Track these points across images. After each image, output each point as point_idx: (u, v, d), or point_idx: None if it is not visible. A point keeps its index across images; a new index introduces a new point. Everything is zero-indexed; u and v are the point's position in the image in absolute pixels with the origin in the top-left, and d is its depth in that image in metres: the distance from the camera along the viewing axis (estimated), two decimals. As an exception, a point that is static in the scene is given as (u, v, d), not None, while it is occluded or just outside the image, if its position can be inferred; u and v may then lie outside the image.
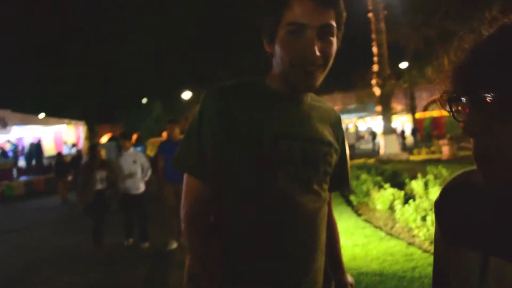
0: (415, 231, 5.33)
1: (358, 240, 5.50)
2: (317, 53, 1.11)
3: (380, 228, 6.01)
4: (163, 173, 6.08)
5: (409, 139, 30.85)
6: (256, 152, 1.17)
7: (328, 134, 1.31)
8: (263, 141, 1.17)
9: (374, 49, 16.63)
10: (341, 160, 1.39)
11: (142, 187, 6.51)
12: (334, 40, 1.16)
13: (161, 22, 36.75)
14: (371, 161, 15.70)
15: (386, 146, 16.80)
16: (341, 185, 1.44)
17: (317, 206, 1.26)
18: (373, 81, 16.92)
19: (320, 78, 1.18)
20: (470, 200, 0.77)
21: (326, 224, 1.34)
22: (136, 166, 6.39)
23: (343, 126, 1.44)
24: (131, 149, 6.48)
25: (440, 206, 0.85)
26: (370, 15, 16.59)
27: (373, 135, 25.47)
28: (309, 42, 1.11)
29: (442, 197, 0.85)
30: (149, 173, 6.61)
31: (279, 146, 1.19)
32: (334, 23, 1.14)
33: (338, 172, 1.37)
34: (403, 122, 36.34)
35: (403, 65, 33.17)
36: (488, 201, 0.71)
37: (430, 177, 7.51)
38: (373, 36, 16.60)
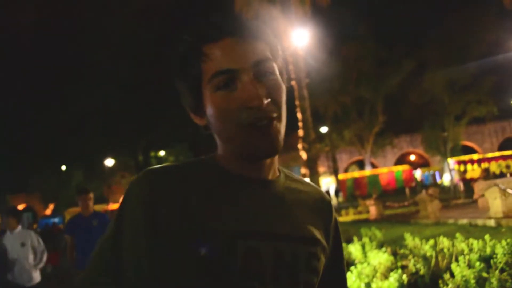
0: (360, 300, 5.18)
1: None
2: (264, 100, 0.82)
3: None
4: (73, 259, 5.09)
5: (333, 200, 31.79)
6: (201, 262, 0.79)
7: (312, 227, 0.94)
8: (212, 245, 0.80)
9: (299, 115, 17.30)
10: (335, 263, 1.02)
11: (35, 278, 5.29)
12: (278, 77, 0.88)
13: (82, 86, 35.88)
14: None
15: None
16: None
17: None
18: (299, 145, 17.44)
19: (281, 133, 0.87)
20: None
21: None
22: (26, 250, 5.16)
23: None
24: (19, 229, 5.29)
25: None
26: (293, 83, 17.42)
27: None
28: (249, 89, 0.82)
29: None
30: (44, 258, 5.42)
31: (237, 250, 0.81)
32: (270, 56, 0.88)
33: (329, 281, 1.00)
34: (327, 183, 37.60)
35: (323, 129, 34.97)
36: None
37: (365, 239, 7.56)
38: (297, 102, 17.34)
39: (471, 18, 26.67)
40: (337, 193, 31.21)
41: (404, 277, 4.68)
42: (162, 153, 37.67)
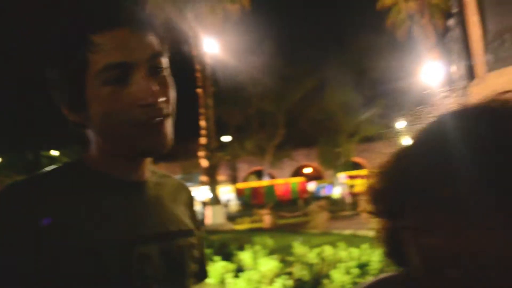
0: (248, 305, 5.36)
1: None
2: (159, 98, 0.79)
3: (213, 304, 5.88)
4: None
5: (233, 208, 32.19)
6: (94, 273, 0.76)
7: (186, 218, 0.97)
8: (102, 255, 0.77)
9: (202, 123, 17.37)
10: (200, 245, 1.06)
11: None
12: (169, 74, 0.86)
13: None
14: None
15: (213, 216, 17.15)
16: (201, 277, 1.11)
17: None
18: (201, 153, 17.48)
19: (172, 130, 0.85)
20: None
21: None
22: None
23: None
24: None
25: None
26: (199, 90, 17.46)
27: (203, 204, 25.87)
28: (144, 85, 0.78)
29: None
30: None
31: (129, 257, 0.80)
32: (163, 51, 0.84)
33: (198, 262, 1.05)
34: (226, 192, 37.98)
35: (225, 138, 35.37)
36: None
37: (257, 247, 7.81)
38: (201, 110, 17.39)
39: (367, 46, 29.11)
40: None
41: (289, 282, 4.96)
42: (55, 152, 35.05)
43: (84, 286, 0.75)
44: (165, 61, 0.84)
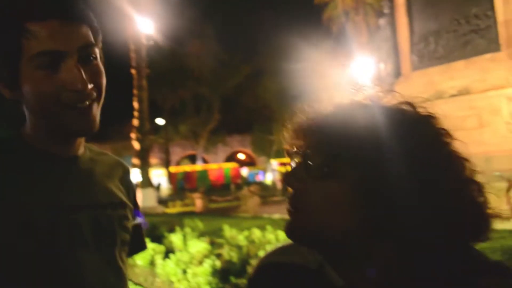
0: (176, 285, 5.46)
1: (119, 300, 5.25)
2: (88, 85, 0.87)
3: (141, 285, 5.92)
4: None
5: (164, 192, 31.81)
6: (26, 240, 0.84)
7: (119, 192, 1.06)
8: (35, 222, 0.85)
9: (135, 105, 16.93)
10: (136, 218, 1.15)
11: None
12: (100, 62, 0.93)
13: None
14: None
15: (144, 199, 16.90)
16: (139, 248, 1.21)
17: None
18: (133, 135, 17.07)
19: (99, 114, 0.94)
20: (284, 277, 0.74)
21: None
22: None
23: None
24: None
25: (255, 285, 0.80)
26: (133, 71, 16.96)
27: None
28: (74, 73, 0.85)
29: (258, 275, 0.80)
30: None
31: (60, 224, 0.88)
32: (94, 41, 0.92)
33: (134, 234, 1.14)
34: (158, 175, 37.39)
35: (159, 121, 34.69)
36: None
37: (187, 229, 7.90)
38: (135, 91, 16.94)
39: (301, 37, 29.72)
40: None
41: (218, 263, 5.12)
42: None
43: (17, 253, 0.84)
44: (97, 50, 0.93)
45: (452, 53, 11.53)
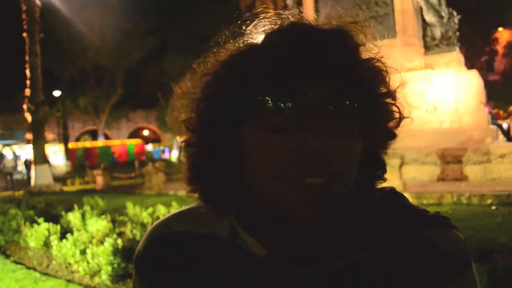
0: (75, 266, 5.15)
1: (7, 286, 4.82)
2: None
3: (34, 269, 5.48)
4: None
5: (61, 169, 29.86)
6: None
7: None
8: None
9: (27, 72, 15.43)
10: None
11: None
12: None
13: None
14: (20, 193, 14.23)
15: (38, 177, 15.67)
16: None
17: None
18: (25, 106, 15.61)
19: None
20: (185, 249, 0.64)
21: None
22: None
23: None
24: None
25: (144, 261, 0.67)
26: (24, 35, 15.37)
27: (25, 164, 23.24)
28: None
29: (147, 249, 0.67)
30: None
31: None
32: None
33: None
34: (55, 151, 34.88)
35: (56, 93, 32.21)
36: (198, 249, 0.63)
37: (87, 208, 7.48)
38: (27, 58, 15.41)
39: (210, 14, 29.24)
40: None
41: (119, 241, 4.90)
42: None
43: None
44: None
45: (351, 36, 12.22)
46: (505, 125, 15.13)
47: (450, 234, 0.58)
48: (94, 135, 39.29)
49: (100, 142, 35.24)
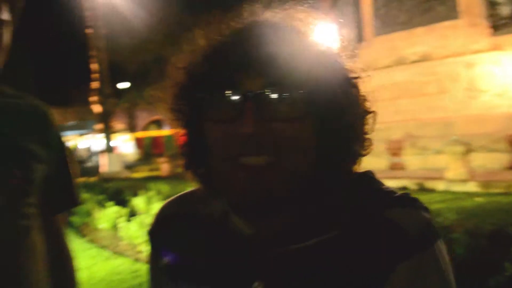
0: (140, 247, 5.52)
1: (83, 263, 5.29)
2: None
3: (105, 248, 5.95)
4: None
5: (131, 157, 31.42)
6: None
7: (22, 136, 0.99)
8: None
9: (94, 66, 16.36)
10: (60, 170, 1.09)
11: None
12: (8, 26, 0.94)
13: None
14: (93, 179, 15.27)
15: (109, 164, 16.68)
16: (69, 203, 1.16)
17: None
18: (93, 98, 16.62)
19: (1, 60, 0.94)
20: (186, 228, 0.73)
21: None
22: None
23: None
24: None
25: (155, 236, 0.79)
26: (89, 31, 16.29)
27: (95, 153, 24.81)
28: None
29: (157, 226, 0.79)
30: None
31: None
32: (6, 17, 0.93)
33: (60, 186, 1.10)
34: (124, 140, 36.79)
35: (123, 85, 33.77)
36: (201, 228, 0.71)
37: (151, 193, 7.91)
38: (92, 53, 16.33)
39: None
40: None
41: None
42: None
43: None
44: (8, 24, 0.93)
45: (413, 19, 11.63)
46: None
47: (412, 214, 0.60)
48: (160, 124, 40.79)
49: (165, 131, 36.61)
